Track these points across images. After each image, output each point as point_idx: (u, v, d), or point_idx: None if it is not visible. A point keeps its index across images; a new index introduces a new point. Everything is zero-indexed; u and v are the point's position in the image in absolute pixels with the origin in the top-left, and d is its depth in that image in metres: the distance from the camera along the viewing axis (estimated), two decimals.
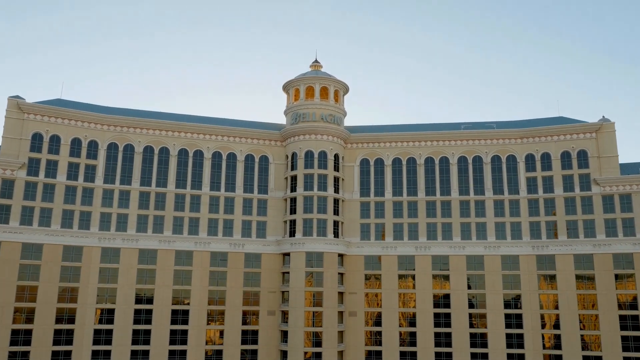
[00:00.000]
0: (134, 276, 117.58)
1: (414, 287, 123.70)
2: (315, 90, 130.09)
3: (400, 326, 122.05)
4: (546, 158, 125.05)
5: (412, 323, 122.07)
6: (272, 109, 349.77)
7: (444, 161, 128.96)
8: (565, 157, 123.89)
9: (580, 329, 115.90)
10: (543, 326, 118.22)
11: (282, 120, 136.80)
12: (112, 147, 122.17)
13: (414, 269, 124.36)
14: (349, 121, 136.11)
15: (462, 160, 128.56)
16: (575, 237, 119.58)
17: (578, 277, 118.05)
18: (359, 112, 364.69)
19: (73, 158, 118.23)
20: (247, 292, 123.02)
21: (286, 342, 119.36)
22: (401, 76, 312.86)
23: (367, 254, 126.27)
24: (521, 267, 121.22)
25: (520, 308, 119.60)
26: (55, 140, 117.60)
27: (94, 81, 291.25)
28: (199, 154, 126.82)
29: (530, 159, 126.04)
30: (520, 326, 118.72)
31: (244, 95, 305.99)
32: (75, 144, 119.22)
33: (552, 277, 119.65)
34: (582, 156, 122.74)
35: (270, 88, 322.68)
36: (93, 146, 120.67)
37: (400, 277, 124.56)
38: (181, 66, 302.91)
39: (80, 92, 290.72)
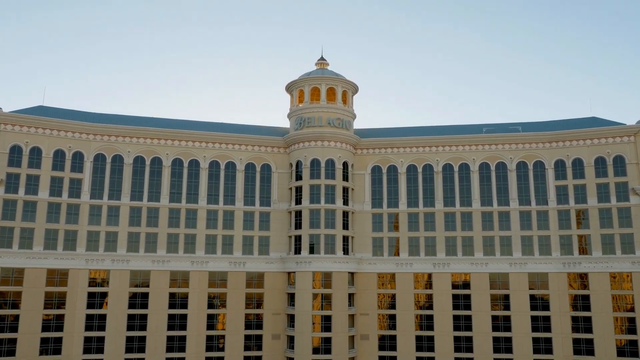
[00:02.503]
0: (125, 300, 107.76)
1: (431, 307, 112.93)
2: (321, 92, 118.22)
3: (417, 351, 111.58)
4: (578, 164, 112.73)
5: (430, 347, 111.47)
6: (275, 111, 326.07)
7: (464, 168, 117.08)
8: (600, 163, 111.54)
9: (618, 355, 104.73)
10: (575, 352, 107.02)
11: (285, 123, 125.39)
12: (99, 159, 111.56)
13: (431, 288, 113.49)
14: (358, 124, 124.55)
15: (484, 167, 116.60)
16: (612, 254, 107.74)
17: (615, 297, 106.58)
18: (369, 113, 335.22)
19: (56, 172, 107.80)
20: (249, 315, 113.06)
21: None
22: (415, 74, 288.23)
23: (380, 271, 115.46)
24: (550, 286, 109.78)
25: (550, 332, 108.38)
26: (36, 153, 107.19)
27: (79, 86, 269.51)
28: (194, 164, 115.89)
29: (560, 166, 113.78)
30: (549, 351, 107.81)
31: (245, 96, 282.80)
32: (59, 156, 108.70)
33: (586, 298, 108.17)
34: (619, 162, 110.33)
35: (272, 88, 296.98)
36: (78, 158, 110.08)
37: (417, 296, 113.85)
38: (174, 67, 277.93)
39: (64, 98, 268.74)
